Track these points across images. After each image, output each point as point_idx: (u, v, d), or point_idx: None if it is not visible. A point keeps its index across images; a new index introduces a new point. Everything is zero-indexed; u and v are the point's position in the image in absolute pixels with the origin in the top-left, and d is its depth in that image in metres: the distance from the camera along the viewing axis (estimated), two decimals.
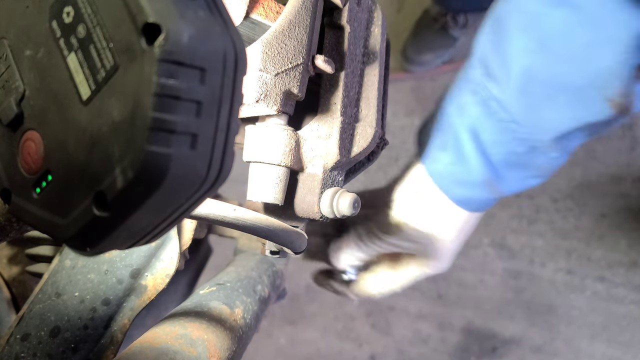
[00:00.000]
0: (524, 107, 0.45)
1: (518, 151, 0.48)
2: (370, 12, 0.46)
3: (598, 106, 0.42)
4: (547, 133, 0.46)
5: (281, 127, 0.41)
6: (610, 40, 0.39)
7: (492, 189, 0.51)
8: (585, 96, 0.42)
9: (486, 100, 0.47)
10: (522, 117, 0.46)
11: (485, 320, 1.43)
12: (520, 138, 0.47)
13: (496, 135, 0.47)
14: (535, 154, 0.48)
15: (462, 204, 0.53)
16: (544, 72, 0.43)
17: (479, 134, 0.48)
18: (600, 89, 0.41)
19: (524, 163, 0.49)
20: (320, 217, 0.44)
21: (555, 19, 0.41)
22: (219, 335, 0.42)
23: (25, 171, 0.24)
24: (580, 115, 0.43)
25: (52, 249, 0.52)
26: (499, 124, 0.47)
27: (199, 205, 0.22)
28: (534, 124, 0.45)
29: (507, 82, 0.45)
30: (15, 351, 0.40)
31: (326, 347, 1.49)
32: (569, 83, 0.42)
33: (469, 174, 0.50)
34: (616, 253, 1.40)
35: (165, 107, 0.19)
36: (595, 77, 0.41)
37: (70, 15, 0.22)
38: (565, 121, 0.44)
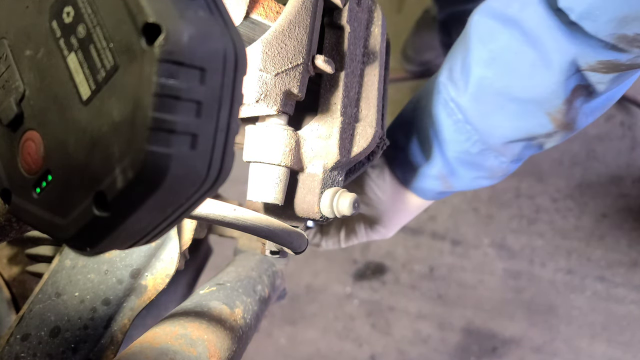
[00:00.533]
0: (477, 112, 0.49)
1: (471, 151, 0.52)
2: (370, 12, 0.46)
3: (540, 120, 0.47)
4: (496, 138, 0.50)
5: (281, 127, 0.41)
6: (550, 63, 0.43)
7: (445, 183, 0.56)
8: (529, 109, 0.46)
9: (447, 101, 0.51)
10: (475, 120, 0.50)
11: (485, 320, 1.43)
12: (474, 140, 0.51)
13: (453, 134, 0.51)
14: (486, 156, 0.52)
15: (417, 191, 0.58)
16: (495, 83, 0.47)
17: (438, 131, 0.52)
18: (542, 104, 0.46)
19: (477, 163, 0.53)
20: (320, 217, 0.44)
21: (505, 37, 0.45)
22: (219, 335, 0.42)
23: (25, 171, 0.24)
24: (525, 125, 0.48)
25: (52, 249, 0.52)
26: (455, 124, 0.51)
27: (199, 205, 0.22)
28: (486, 129, 0.50)
29: (465, 87, 0.49)
30: (15, 351, 0.40)
31: (326, 347, 1.49)
32: (515, 96, 0.46)
33: (426, 166, 0.55)
34: (616, 253, 1.40)
35: (165, 107, 0.19)
36: (537, 94, 0.45)
37: (70, 15, 0.22)
38: (512, 130, 0.48)
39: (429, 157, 0.55)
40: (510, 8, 0.45)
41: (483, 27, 0.47)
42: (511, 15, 0.44)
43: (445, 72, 0.52)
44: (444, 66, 0.53)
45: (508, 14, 0.45)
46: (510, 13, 0.44)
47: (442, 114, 0.52)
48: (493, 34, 0.46)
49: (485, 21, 0.47)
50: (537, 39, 0.43)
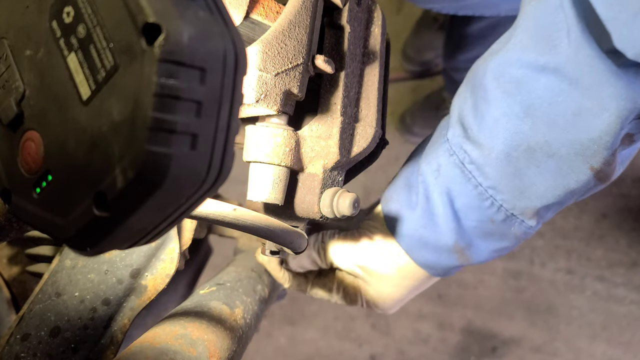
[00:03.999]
0: (506, 173, 0.43)
1: (495, 219, 0.45)
2: (370, 12, 0.46)
3: (581, 175, 0.41)
4: (528, 200, 0.44)
5: (281, 127, 0.41)
6: (604, 111, 0.38)
7: (462, 257, 0.49)
8: (570, 164, 0.41)
9: (464, 163, 0.45)
10: (503, 183, 0.43)
11: (485, 320, 1.43)
12: (498, 205, 0.45)
13: (472, 201, 0.45)
14: (512, 223, 0.45)
15: (426, 267, 0.50)
16: (531, 138, 0.41)
17: (453, 198, 0.46)
18: (587, 157, 0.40)
19: (501, 233, 0.46)
20: (320, 217, 0.44)
21: (540, 85, 0.39)
22: (219, 335, 0.42)
23: (25, 171, 0.24)
24: (563, 182, 0.42)
25: (52, 249, 0.52)
26: (475, 189, 0.45)
27: (199, 205, 0.22)
28: (516, 191, 0.43)
29: (490, 146, 0.43)
30: (15, 351, 0.40)
31: (326, 347, 1.49)
32: (555, 151, 0.41)
33: (438, 239, 0.47)
34: (616, 253, 1.40)
35: (165, 107, 0.19)
36: (582, 147, 0.40)
37: (70, 15, 0.22)
38: (547, 189, 0.43)
39: (443, 229, 0.47)
40: (545, 56, 0.39)
41: (507, 77, 0.41)
42: (547, 62, 0.39)
43: (457, 130, 0.46)
44: (451, 121, 0.47)
45: (543, 62, 0.39)
46: (547, 61, 0.39)
47: (458, 178, 0.45)
48: (523, 84, 0.40)
49: (511, 72, 0.41)
50: (589, 85, 0.37)
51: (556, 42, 0.38)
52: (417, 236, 0.48)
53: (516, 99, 0.41)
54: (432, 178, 0.47)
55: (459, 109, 0.46)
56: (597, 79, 0.37)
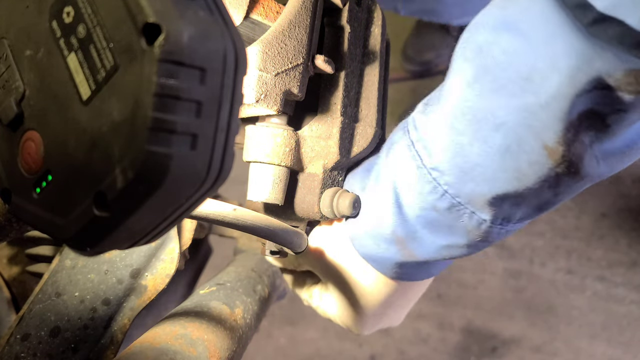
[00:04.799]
0: (450, 150, 0.37)
1: (438, 207, 0.38)
2: (370, 12, 0.46)
3: (534, 155, 0.35)
4: (474, 185, 0.37)
5: (281, 127, 0.41)
6: (554, 70, 0.32)
7: (403, 250, 0.42)
8: (520, 138, 0.35)
9: (413, 141, 0.39)
10: (446, 162, 0.37)
11: (485, 320, 1.43)
12: (441, 191, 0.38)
13: (415, 184, 0.39)
14: (459, 214, 0.38)
15: (370, 259, 0.44)
16: (476, 105, 0.35)
17: (397, 180, 0.40)
18: (537, 130, 0.34)
19: (446, 224, 0.39)
20: (321, 217, 0.44)
21: (499, 47, 0.34)
22: (219, 335, 0.42)
23: (25, 171, 0.24)
24: (514, 164, 0.35)
25: (52, 249, 0.52)
26: (419, 170, 0.38)
27: (199, 205, 0.22)
28: (460, 172, 0.37)
29: (437, 118, 0.38)
30: (15, 351, 0.40)
31: (326, 347, 1.49)
32: (503, 121, 0.35)
33: (377, 224, 0.42)
34: (616, 253, 1.40)
35: (165, 107, 0.19)
36: (531, 115, 0.34)
37: (70, 15, 0.22)
38: (496, 171, 0.36)
39: (383, 213, 0.41)
40: (507, 10, 0.34)
41: (472, 42, 0.36)
42: (506, 17, 0.34)
43: (419, 106, 0.41)
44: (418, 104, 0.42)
45: (503, 17, 0.34)
46: (505, 15, 0.34)
47: (404, 156, 0.40)
48: (483, 47, 0.35)
49: (476, 37, 0.36)
50: (541, 41, 0.32)
51: None
52: (360, 221, 0.43)
53: (472, 63, 0.36)
54: (383, 157, 0.42)
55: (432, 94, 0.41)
56: (550, 33, 0.32)
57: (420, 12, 0.85)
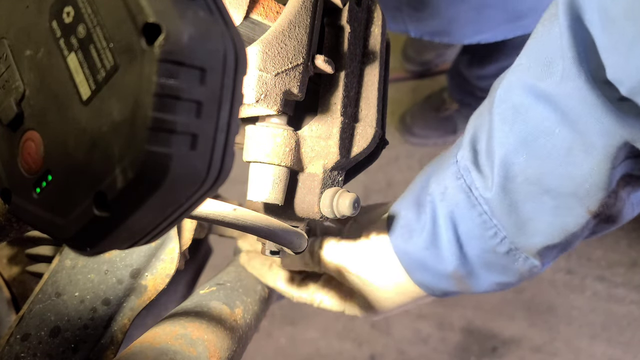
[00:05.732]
0: (505, 205, 0.40)
1: (498, 251, 0.42)
2: (370, 12, 0.46)
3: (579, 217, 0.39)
4: (528, 238, 0.41)
5: (281, 127, 0.41)
6: (592, 149, 0.35)
7: (460, 284, 0.46)
8: (566, 204, 0.38)
9: (470, 189, 0.42)
10: (502, 215, 0.41)
11: (485, 320, 1.43)
12: (501, 237, 0.42)
13: (476, 229, 0.42)
14: (515, 258, 0.43)
15: (424, 287, 0.48)
16: (526, 170, 0.38)
17: (457, 223, 0.43)
18: (582, 198, 0.37)
19: (502, 265, 0.43)
20: (320, 217, 0.44)
21: (537, 114, 0.37)
22: (219, 335, 0.42)
23: (25, 171, 0.24)
24: (560, 223, 0.39)
25: (52, 249, 0.52)
26: (479, 217, 0.42)
27: (199, 205, 0.22)
28: (515, 227, 0.41)
29: (491, 176, 0.41)
30: (15, 351, 0.40)
31: (326, 347, 1.49)
32: (550, 187, 0.38)
33: (438, 263, 0.45)
34: (616, 253, 1.40)
35: (165, 107, 0.19)
36: (575, 185, 0.37)
37: (70, 15, 0.22)
38: (546, 227, 0.40)
39: (445, 254, 0.44)
40: (543, 82, 0.36)
41: (508, 103, 0.39)
42: (544, 90, 0.36)
43: (467, 152, 0.43)
44: (463, 142, 0.44)
45: (541, 87, 0.36)
46: (544, 88, 0.36)
47: (463, 203, 0.43)
48: (520, 112, 0.38)
49: (512, 97, 0.38)
50: (577, 119, 0.35)
51: (553, 70, 0.36)
52: (418, 257, 0.47)
53: (512, 127, 0.38)
54: (438, 200, 0.45)
55: (474, 130, 0.44)
56: (585, 113, 0.34)
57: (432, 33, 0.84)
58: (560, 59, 0.35)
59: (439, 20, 0.80)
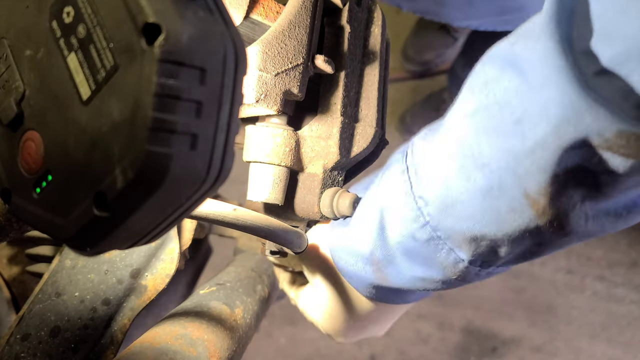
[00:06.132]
0: (437, 180, 0.36)
1: (417, 237, 0.38)
2: (370, 12, 0.46)
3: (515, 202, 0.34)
4: (454, 222, 0.36)
5: (281, 127, 0.41)
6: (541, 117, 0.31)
7: (377, 272, 0.42)
8: (501, 184, 0.34)
9: (407, 164, 0.39)
10: (432, 192, 0.37)
11: (485, 320, 1.43)
12: (422, 222, 0.37)
13: (400, 209, 0.38)
14: (436, 248, 0.38)
15: (345, 275, 0.45)
16: (468, 141, 0.34)
17: (385, 202, 0.40)
18: (518, 177, 0.33)
19: (424, 256, 0.39)
20: (320, 217, 0.44)
21: (501, 84, 0.33)
22: (219, 335, 0.42)
23: (25, 171, 0.24)
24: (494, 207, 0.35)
25: (52, 249, 0.52)
26: (405, 196, 0.38)
27: (199, 205, 0.22)
28: (442, 205, 0.36)
29: (432, 146, 0.37)
30: (15, 351, 0.40)
31: (326, 347, 1.49)
32: (486, 161, 0.34)
33: (357, 240, 0.42)
34: (616, 253, 1.40)
35: (165, 107, 0.19)
36: (515, 160, 0.32)
37: (70, 15, 0.22)
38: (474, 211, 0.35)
39: (365, 229, 0.41)
40: (517, 44, 0.33)
41: (481, 75, 0.35)
42: (514, 53, 0.33)
43: (423, 130, 0.40)
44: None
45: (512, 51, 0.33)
46: (515, 50, 0.33)
47: (397, 179, 0.39)
48: (488, 82, 0.34)
49: (486, 69, 0.35)
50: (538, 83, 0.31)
51: (529, 31, 0.33)
52: (342, 233, 0.44)
53: (476, 97, 0.35)
54: (379, 176, 0.42)
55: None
56: (547, 76, 0.30)
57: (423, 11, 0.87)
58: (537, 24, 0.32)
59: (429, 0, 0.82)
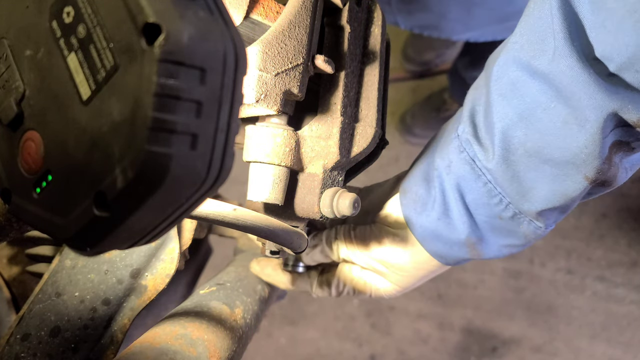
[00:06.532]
0: (506, 175, 0.44)
1: (503, 216, 0.46)
2: (370, 12, 0.46)
3: (577, 183, 0.42)
4: (530, 204, 0.44)
5: (281, 127, 0.41)
6: (585, 122, 0.38)
7: (473, 251, 0.49)
8: (565, 171, 0.41)
9: (474, 160, 0.45)
10: (506, 185, 0.44)
11: (485, 320, 1.43)
12: (506, 203, 0.45)
13: (482, 198, 0.46)
14: (520, 222, 0.46)
15: (438, 257, 0.51)
16: (526, 143, 0.41)
17: (464, 194, 0.47)
18: (579, 166, 0.40)
19: (509, 229, 0.47)
20: (320, 217, 0.44)
21: (533, 90, 0.39)
22: (219, 335, 0.42)
23: (25, 171, 0.24)
24: (561, 189, 0.42)
25: (52, 249, 0.52)
26: (485, 186, 0.45)
27: (199, 205, 0.22)
28: (518, 194, 0.44)
29: (492, 148, 0.43)
30: (15, 351, 0.40)
31: (326, 347, 1.49)
32: (550, 157, 0.41)
33: (451, 232, 0.48)
34: (616, 253, 1.40)
35: (165, 107, 0.19)
36: (572, 155, 0.40)
37: (70, 15, 0.22)
38: (547, 193, 0.43)
39: (457, 223, 0.48)
40: (537, 60, 0.39)
41: (505, 79, 0.41)
42: (538, 67, 0.39)
43: (467, 126, 0.46)
44: (462, 116, 0.47)
45: (534, 65, 0.39)
46: (538, 65, 0.39)
47: (468, 175, 0.46)
48: (517, 87, 0.40)
49: (508, 73, 0.41)
50: (570, 95, 0.37)
51: (545, 48, 0.38)
52: (432, 228, 0.49)
53: (510, 102, 0.41)
54: (445, 173, 0.48)
55: (472, 104, 0.46)
56: (577, 90, 0.37)
57: (421, 27, 0.86)
58: (552, 39, 0.38)
59: (428, 14, 0.82)
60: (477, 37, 0.84)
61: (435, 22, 0.84)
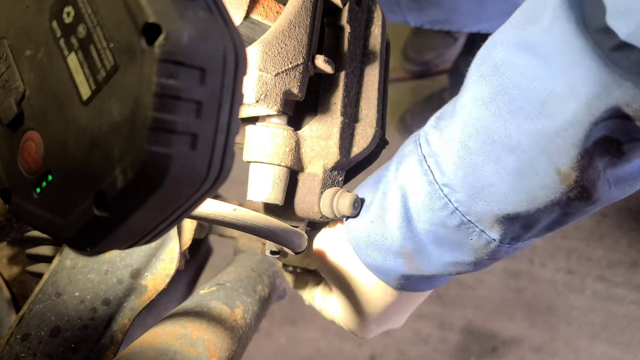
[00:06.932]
0: (462, 167, 0.37)
1: (448, 224, 0.38)
2: (370, 12, 0.46)
3: (547, 179, 0.35)
4: (486, 204, 0.37)
5: (281, 127, 0.41)
6: (569, 97, 0.32)
7: (410, 263, 0.42)
8: (533, 162, 0.34)
9: (425, 156, 0.39)
10: (458, 180, 0.37)
11: (485, 320, 1.43)
12: (452, 209, 0.38)
13: (425, 200, 0.39)
14: (468, 232, 0.38)
15: (374, 270, 0.45)
16: (492, 126, 0.35)
17: (407, 194, 0.40)
18: (552, 155, 0.34)
19: (456, 241, 0.39)
20: (320, 217, 0.44)
21: (517, 68, 0.34)
22: (219, 335, 0.42)
23: (25, 171, 0.24)
24: (525, 186, 0.35)
25: (52, 249, 0.52)
26: (430, 186, 0.38)
27: (199, 205, 0.22)
28: (472, 190, 0.37)
29: (450, 134, 0.37)
30: (15, 351, 0.40)
31: (326, 347, 1.49)
32: (516, 144, 0.34)
33: (385, 237, 0.42)
34: (616, 253, 1.40)
35: (165, 107, 0.19)
36: (546, 140, 0.33)
37: (70, 15, 0.22)
38: (507, 191, 0.36)
39: (391, 226, 0.41)
40: (528, 30, 0.34)
41: (488, 60, 0.36)
42: (528, 39, 0.34)
43: (432, 120, 0.41)
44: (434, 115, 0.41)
45: (524, 37, 0.34)
46: (528, 36, 0.34)
47: (416, 171, 0.39)
48: (499, 66, 0.35)
49: (493, 55, 0.35)
50: (561, 65, 0.32)
51: (540, 18, 0.33)
52: (364, 231, 0.43)
53: (489, 82, 0.35)
54: (393, 170, 0.42)
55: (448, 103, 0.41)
56: (570, 58, 0.31)
57: (432, 22, 0.84)
58: (550, 7, 0.33)
59: (440, 10, 0.81)
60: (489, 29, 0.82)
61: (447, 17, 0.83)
